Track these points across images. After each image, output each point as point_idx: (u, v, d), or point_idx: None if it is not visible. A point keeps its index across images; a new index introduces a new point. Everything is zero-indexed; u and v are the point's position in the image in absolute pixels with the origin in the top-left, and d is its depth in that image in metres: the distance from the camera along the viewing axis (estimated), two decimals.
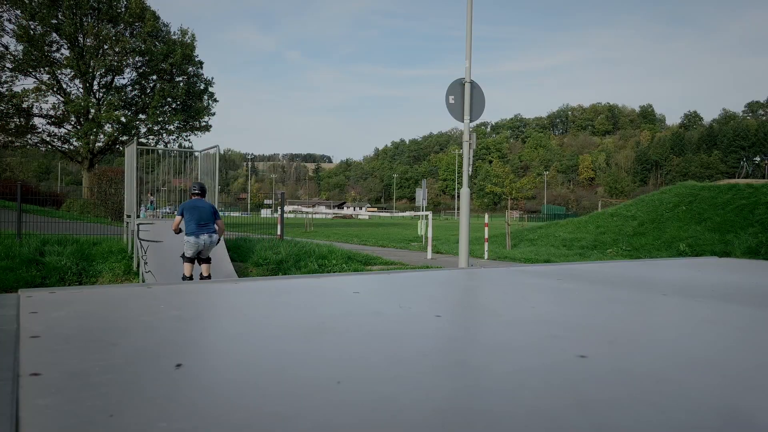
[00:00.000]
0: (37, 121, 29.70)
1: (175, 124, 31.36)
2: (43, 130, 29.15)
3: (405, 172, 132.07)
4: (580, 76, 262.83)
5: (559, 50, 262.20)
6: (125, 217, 10.42)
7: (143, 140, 30.02)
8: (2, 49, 26.42)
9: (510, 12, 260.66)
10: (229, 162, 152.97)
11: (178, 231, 7.00)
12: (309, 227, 24.52)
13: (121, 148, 27.44)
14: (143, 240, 8.45)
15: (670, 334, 0.77)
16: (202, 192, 7.13)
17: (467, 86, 8.15)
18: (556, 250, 13.99)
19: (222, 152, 10.58)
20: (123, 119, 29.11)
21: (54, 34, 27.16)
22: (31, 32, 26.04)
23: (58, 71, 28.01)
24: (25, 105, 27.40)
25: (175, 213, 7.51)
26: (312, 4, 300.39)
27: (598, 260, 10.51)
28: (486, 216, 14.10)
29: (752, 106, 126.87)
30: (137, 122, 30.29)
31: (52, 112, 28.73)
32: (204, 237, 6.89)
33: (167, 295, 1.02)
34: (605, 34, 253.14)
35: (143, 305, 0.90)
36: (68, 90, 28.78)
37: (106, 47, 27.96)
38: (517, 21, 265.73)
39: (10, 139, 28.22)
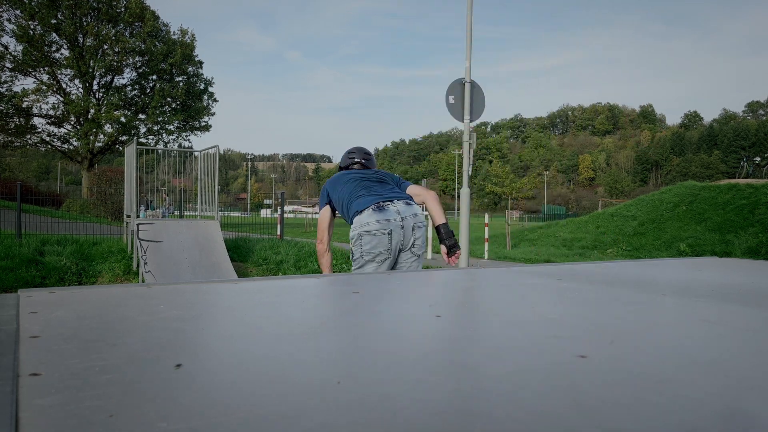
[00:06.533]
0: (37, 121, 29.75)
1: (175, 124, 31.40)
2: (43, 130, 29.18)
3: (405, 172, 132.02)
4: (580, 76, 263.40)
5: (559, 50, 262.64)
6: (125, 217, 10.43)
7: (143, 140, 30.03)
8: (2, 49, 26.41)
9: (510, 12, 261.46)
10: (229, 162, 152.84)
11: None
12: (309, 227, 24.49)
13: (121, 148, 27.45)
14: (143, 240, 8.44)
15: (670, 334, 0.77)
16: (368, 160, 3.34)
17: (467, 86, 8.15)
18: (556, 250, 13.98)
19: (222, 152, 10.59)
20: (123, 119, 29.11)
21: (54, 34, 27.17)
22: (31, 32, 26.03)
23: (58, 71, 28.01)
24: (25, 105, 27.41)
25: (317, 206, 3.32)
26: (312, 4, 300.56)
27: (598, 260, 10.50)
28: (486, 216, 14.07)
29: (752, 106, 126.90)
30: (137, 122, 30.30)
31: (52, 112, 28.74)
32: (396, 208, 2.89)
33: (167, 295, 1.02)
34: (605, 34, 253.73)
35: (143, 305, 0.90)
36: (68, 90, 28.79)
37: (106, 47, 27.96)
38: (517, 21, 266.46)
39: (10, 139, 28.24)
